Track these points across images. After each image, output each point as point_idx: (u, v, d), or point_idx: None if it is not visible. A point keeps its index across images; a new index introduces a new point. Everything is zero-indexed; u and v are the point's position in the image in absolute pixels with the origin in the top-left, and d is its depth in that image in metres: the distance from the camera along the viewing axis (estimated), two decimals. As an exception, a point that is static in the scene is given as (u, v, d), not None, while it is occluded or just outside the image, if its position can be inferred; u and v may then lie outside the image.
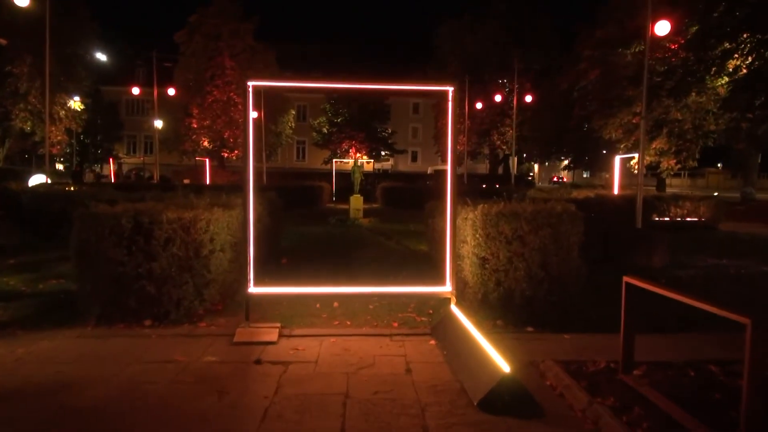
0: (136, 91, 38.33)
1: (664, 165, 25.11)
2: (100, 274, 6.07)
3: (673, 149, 23.65)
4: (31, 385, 4.65)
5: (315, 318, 6.73)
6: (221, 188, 23.56)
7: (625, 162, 23.19)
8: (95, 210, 6.21)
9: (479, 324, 6.18)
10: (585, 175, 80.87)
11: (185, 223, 6.21)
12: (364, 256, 11.82)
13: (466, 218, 6.55)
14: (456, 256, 6.19)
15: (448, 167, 6.11)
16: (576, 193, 22.02)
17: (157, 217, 6.12)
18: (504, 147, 44.15)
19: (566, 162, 78.52)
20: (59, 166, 55.17)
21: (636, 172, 26.78)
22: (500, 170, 50.95)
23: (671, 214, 17.95)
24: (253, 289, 6.09)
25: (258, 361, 5.19)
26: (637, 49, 23.40)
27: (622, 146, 25.53)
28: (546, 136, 41.06)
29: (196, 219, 6.28)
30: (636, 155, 23.96)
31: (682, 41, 21.55)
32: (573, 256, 6.35)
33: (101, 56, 46.95)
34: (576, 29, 31.45)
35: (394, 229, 17.44)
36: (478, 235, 6.35)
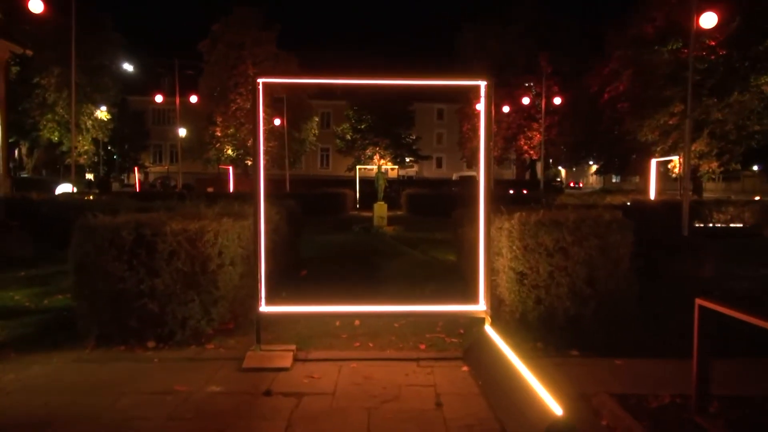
0: (159, 98, 38.42)
1: (704, 168, 23.99)
2: (99, 291, 5.55)
3: (715, 151, 22.50)
4: (11, 419, 4.11)
5: (334, 339, 6.11)
6: (244, 196, 23.27)
7: (661, 165, 22.20)
8: (94, 221, 5.70)
9: (517, 347, 5.49)
10: (615, 180, 79.20)
11: (191, 236, 5.66)
12: (388, 267, 11.19)
13: (501, 228, 5.87)
14: (490, 271, 5.51)
15: (482, 171, 5.46)
16: (610, 199, 21.16)
17: (161, 228, 5.58)
18: (531, 152, 43.16)
19: (595, 166, 77.05)
20: (89, 176, 55.86)
21: (674, 175, 25.82)
22: (527, 176, 49.94)
23: (714, 220, 16.96)
24: (264, 308, 5.49)
25: (268, 393, 4.58)
26: (674, 47, 22.40)
27: (658, 149, 24.46)
28: (575, 140, 39.96)
29: (203, 230, 5.72)
30: (674, 158, 22.91)
31: (721, 38, 20.48)
32: (623, 270, 5.63)
33: (127, 66, 47.41)
34: (604, 30, 30.53)
35: (420, 237, 16.77)
36: (515, 247, 5.67)
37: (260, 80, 5.39)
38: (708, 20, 11.80)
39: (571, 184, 78.10)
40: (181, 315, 5.64)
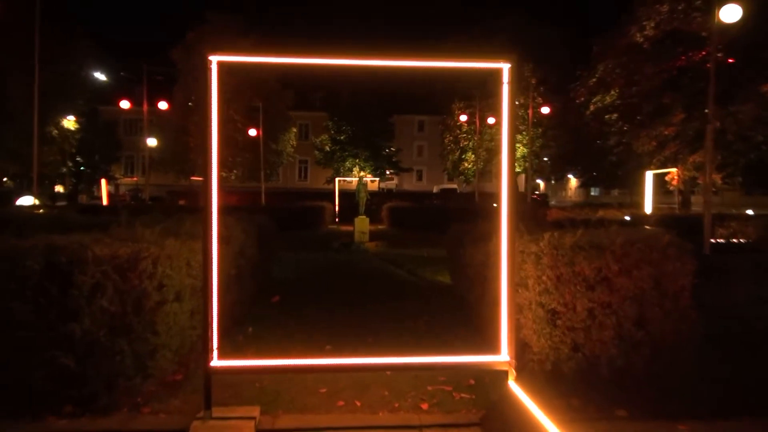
0: (125, 104, 36.71)
1: (701, 180, 23.05)
2: (-5, 341, 4.14)
3: (717, 163, 21.58)
4: None
5: (310, 395, 4.75)
6: (219, 210, 21.72)
7: (658, 178, 21.25)
8: (-8, 246, 4.29)
9: (548, 404, 4.22)
10: (593, 193, 78.90)
11: (121, 264, 4.27)
12: (372, 292, 9.85)
13: (525, 253, 4.59)
14: (515, 311, 4.22)
15: (504, 176, 4.21)
16: (603, 213, 20.10)
17: (80, 255, 4.18)
18: (515, 164, 42.20)
19: (574, 180, 76.59)
20: (59, 188, 53.65)
21: (672, 188, 24.94)
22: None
23: (716, 236, 15.94)
24: (217, 362, 4.10)
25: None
26: (673, 53, 21.53)
27: (654, 160, 23.55)
28: (560, 152, 39.08)
29: (137, 257, 4.34)
30: (672, 170, 21.98)
31: (724, 42, 19.68)
32: (682, 307, 4.39)
33: (100, 75, 45.62)
34: (590, 41, 29.82)
35: (405, 254, 15.47)
36: (544, 278, 4.40)
37: (213, 58, 4.07)
38: (730, 14, 10.72)
39: (534, 196, 77.49)
40: (106, 371, 4.24)
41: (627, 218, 16.34)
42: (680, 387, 4.43)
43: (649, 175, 19.10)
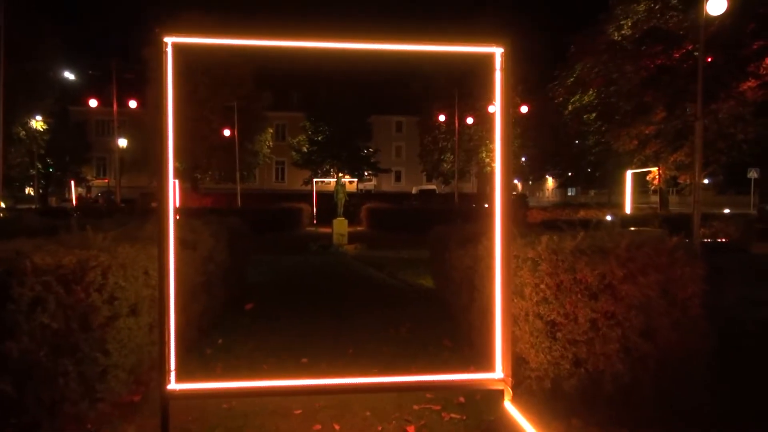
0: (93, 103, 35.65)
1: (682, 180, 23.06)
2: None
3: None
4: None
5: (283, 419, 4.26)
6: (193, 212, 21.05)
7: (637, 177, 21.14)
8: None
9: (547, 426, 3.83)
10: (570, 193, 79.42)
11: (65, 274, 3.74)
12: (351, 296, 9.40)
13: (521, 258, 4.17)
14: (511, 323, 3.79)
15: (498, 173, 3.79)
16: (584, 213, 19.93)
17: (18, 264, 3.65)
18: (493, 165, 41.88)
19: (551, 180, 76.93)
20: (29, 191, 52.21)
21: (653, 187, 24.87)
22: (487, 189, 48.94)
23: (699, 236, 15.79)
24: (174, 385, 3.59)
25: None
26: (655, 50, 21.37)
27: (635, 159, 23.42)
28: (540, 152, 38.98)
29: (85, 266, 3.82)
30: (653, 169, 21.87)
31: (703, 39, 19.57)
32: (692, 317, 4.01)
33: (69, 75, 44.33)
34: (569, 40, 29.73)
35: (385, 257, 15.04)
36: (543, 286, 3.99)
37: (168, 40, 3.58)
38: (716, 6, 10.52)
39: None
40: (48, 396, 3.71)
41: (609, 218, 16.14)
42: (689, 404, 4.05)
43: (629, 175, 18.93)
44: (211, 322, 6.68)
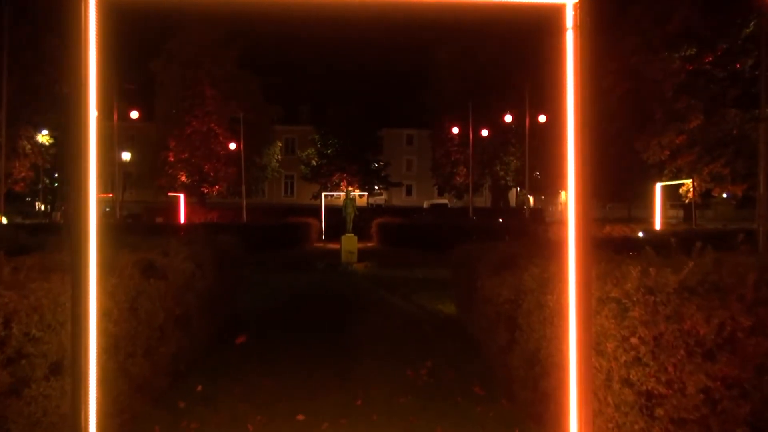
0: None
1: (716, 192, 21.61)
2: None
3: (740, 173, 19.97)
4: None
5: None
6: (197, 228, 20.00)
7: (667, 190, 19.70)
8: None
9: None
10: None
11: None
12: (361, 326, 8.19)
13: (598, 298, 2.96)
14: (591, 391, 2.57)
15: (570, 174, 2.63)
16: (609, 229, 18.59)
17: None
18: (508, 178, 40.73)
19: (564, 194, 75.18)
20: (41, 206, 51.70)
21: (688, 201, 23.40)
22: (501, 203, 47.59)
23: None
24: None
25: None
26: (688, 53, 20.01)
27: (665, 171, 21.99)
28: (558, 165, 37.42)
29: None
30: (687, 181, 20.49)
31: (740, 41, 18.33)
32: None
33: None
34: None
35: (398, 276, 13.85)
36: (635, 339, 2.78)
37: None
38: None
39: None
40: None
41: (641, 234, 14.85)
42: None
43: (658, 188, 17.62)
44: (189, 364, 5.51)
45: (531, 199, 77.43)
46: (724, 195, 20.37)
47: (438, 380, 5.50)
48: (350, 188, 43.18)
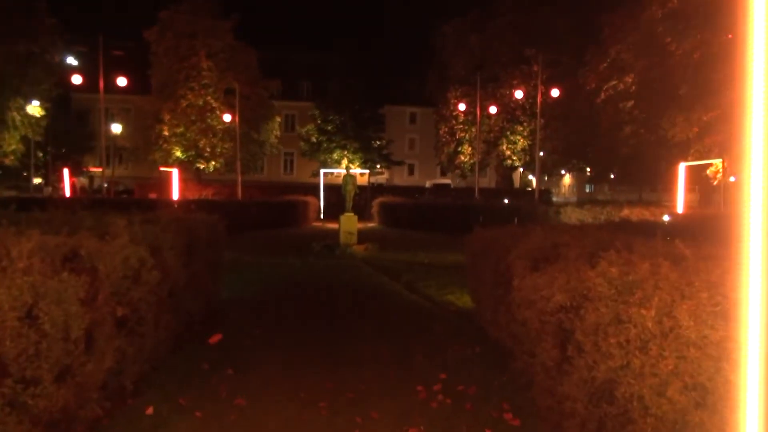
0: (78, 80, 33.61)
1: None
2: None
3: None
4: None
5: None
6: (190, 203, 18.77)
7: (692, 171, 18.28)
8: None
9: None
10: (587, 190, 75.96)
11: None
12: (361, 323, 7.00)
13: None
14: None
15: (756, 146, 1.35)
16: (628, 212, 17.39)
17: None
18: (514, 158, 39.24)
19: (568, 176, 73.62)
20: (38, 180, 50.51)
21: (716, 182, 22.04)
22: (505, 184, 46.19)
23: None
24: None
25: None
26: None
27: (692, 150, 20.53)
28: (563, 145, 36.13)
29: None
30: (717, 161, 19.10)
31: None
32: None
33: (72, 60, 42.10)
34: (602, 20, 27.02)
35: (401, 260, 12.68)
36: None
37: None
38: None
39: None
40: None
41: (666, 218, 13.62)
42: None
43: (682, 168, 16.33)
44: (140, 377, 4.32)
45: (534, 180, 75.95)
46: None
47: (457, 401, 4.32)
48: (350, 165, 41.90)
